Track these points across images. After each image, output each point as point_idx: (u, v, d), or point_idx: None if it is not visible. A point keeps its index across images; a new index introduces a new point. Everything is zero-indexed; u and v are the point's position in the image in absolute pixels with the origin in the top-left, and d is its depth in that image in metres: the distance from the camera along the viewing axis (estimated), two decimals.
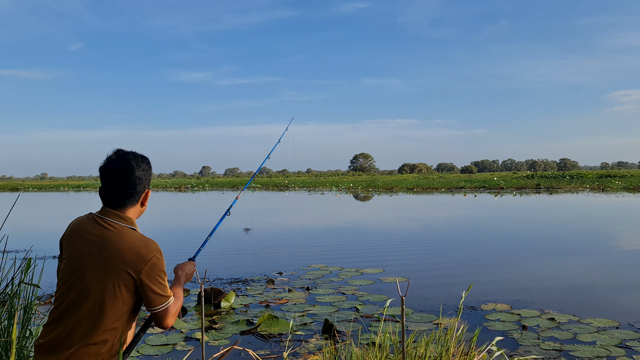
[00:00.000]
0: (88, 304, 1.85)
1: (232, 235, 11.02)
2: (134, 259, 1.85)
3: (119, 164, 1.97)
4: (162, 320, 1.95)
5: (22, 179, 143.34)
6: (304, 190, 41.42)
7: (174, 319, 1.99)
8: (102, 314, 1.85)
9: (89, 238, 1.92)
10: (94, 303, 1.85)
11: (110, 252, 1.87)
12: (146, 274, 1.86)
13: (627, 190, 29.12)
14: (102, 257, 1.87)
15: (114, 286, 1.85)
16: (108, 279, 1.85)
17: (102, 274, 1.86)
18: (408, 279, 6.06)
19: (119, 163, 1.97)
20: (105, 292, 1.85)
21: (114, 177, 1.96)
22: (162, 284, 1.91)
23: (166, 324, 1.97)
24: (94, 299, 1.85)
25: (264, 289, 5.69)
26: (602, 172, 53.40)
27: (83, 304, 1.86)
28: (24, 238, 10.55)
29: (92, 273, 1.87)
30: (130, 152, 2.02)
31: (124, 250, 1.87)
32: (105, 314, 1.85)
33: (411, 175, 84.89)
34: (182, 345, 3.83)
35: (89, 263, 1.89)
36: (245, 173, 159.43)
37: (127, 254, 1.86)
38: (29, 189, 55.08)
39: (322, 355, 3.36)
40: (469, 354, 3.00)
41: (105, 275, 1.85)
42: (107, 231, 1.92)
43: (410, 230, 11.68)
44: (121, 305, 1.86)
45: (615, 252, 8.18)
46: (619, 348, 3.65)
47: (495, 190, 32.27)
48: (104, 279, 1.85)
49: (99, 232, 1.92)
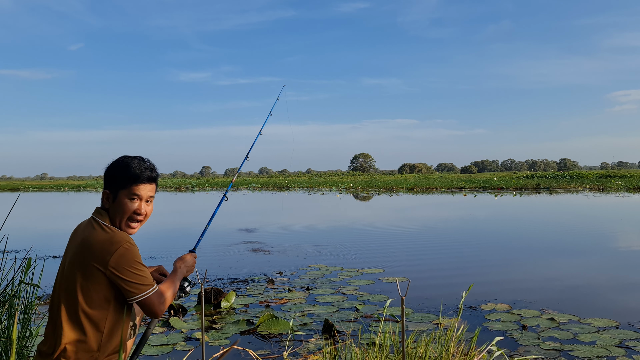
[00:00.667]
0: (66, 301, 1.93)
1: (232, 236, 11.02)
2: (100, 253, 1.91)
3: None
4: (147, 310, 1.99)
5: (22, 179, 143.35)
6: (304, 190, 41.42)
7: (163, 308, 2.03)
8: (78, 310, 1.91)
9: (77, 239, 2.01)
10: (69, 300, 1.92)
11: (83, 249, 1.95)
12: (113, 265, 1.90)
13: (627, 190, 29.12)
14: (78, 255, 1.95)
15: (87, 282, 1.91)
16: (80, 275, 1.92)
17: (76, 271, 1.93)
18: (408, 279, 6.06)
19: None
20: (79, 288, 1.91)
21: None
22: (134, 274, 1.93)
23: (153, 313, 2.01)
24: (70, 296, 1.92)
25: (264, 289, 5.69)
26: (602, 172, 53.36)
27: (62, 302, 1.93)
28: (24, 238, 10.55)
29: (69, 271, 1.95)
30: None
31: (93, 245, 1.93)
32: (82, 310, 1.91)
33: (411, 175, 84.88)
34: (182, 345, 3.83)
35: (68, 263, 1.97)
36: (245, 173, 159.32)
37: (94, 248, 1.92)
38: (29, 189, 55.07)
39: (322, 355, 3.36)
40: (469, 354, 3.00)
41: (78, 272, 1.92)
42: (90, 230, 2.00)
43: (410, 230, 11.68)
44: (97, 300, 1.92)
45: (615, 252, 8.18)
46: (619, 348, 3.65)
47: (495, 190, 32.27)
48: (77, 275, 1.92)
49: (86, 232, 2.00)
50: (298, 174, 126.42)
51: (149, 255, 8.28)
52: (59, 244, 9.86)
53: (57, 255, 8.31)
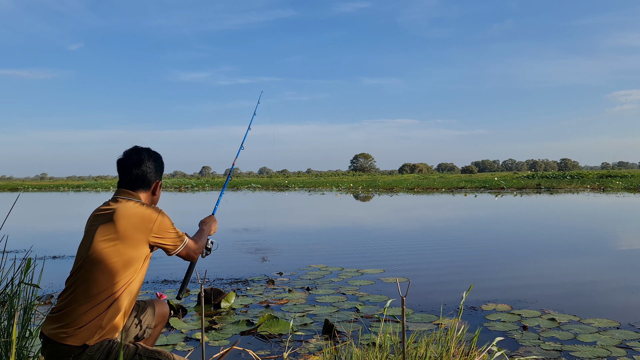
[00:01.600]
0: (90, 267, 2.12)
1: (232, 236, 11.02)
2: (142, 221, 2.21)
3: (133, 154, 2.39)
4: (185, 258, 2.45)
5: (22, 179, 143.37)
6: (304, 190, 41.42)
7: (197, 254, 2.51)
8: (100, 275, 2.11)
9: (102, 213, 2.25)
10: (95, 265, 2.12)
11: (116, 218, 2.19)
12: (157, 231, 2.24)
13: (627, 190, 29.11)
14: (111, 224, 2.18)
15: (118, 248, 2.15)
16: (115, 242, 2.15)
17: (110, 237, 2.15)
18: (408, 279, 6.06)
19: (133, 154, 2.40)
20: (106, 254, 2.13)
21: (129, 165, 2.36)
22: (171, 234, 2.31)
23: (190, 259, 2.49)
24: (97, 261, 2.12)
25: (264, 289, 5.69)
26: (603, 172, 53.32)
27: (86, 267, 2.13)
28: (24, 238, 10.54)
29: (99, 238, 2.16)
30: (145, 147, 2.46)
31: (131, 215, 2.20)
32: (103, 276, 2.11)
33: (411, 175, 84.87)
34: (182, 345, 3.82)
35: (96, 230, 2.19)
36: (245, 173, 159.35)
37: (133, 218, 2.20)
38: (28, 189, 55.10)
39: (323, 355, 3.35)
40: (469, 354, 3.00)
41: (113, 239, 2.15)
42: (118, 204, 2.26)
43: (411, 230, 11.68)
44: (120, 266, 2.14)
45: (615, 252, 8.17)
46: (620, 348, 3.64)
47: (496, 191, 32.26)
48: (110, 242, 2.15)
49: (111, 206, 2.26)
50: (298, 174, 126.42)
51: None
52: (59, 244, 9.86)
53: (57, 255, 8.32)
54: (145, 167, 2.37)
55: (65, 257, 8.19)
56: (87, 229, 2.26)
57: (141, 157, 2.38)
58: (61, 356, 2.07)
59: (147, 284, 6.08)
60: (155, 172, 2.43)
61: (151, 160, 2.41)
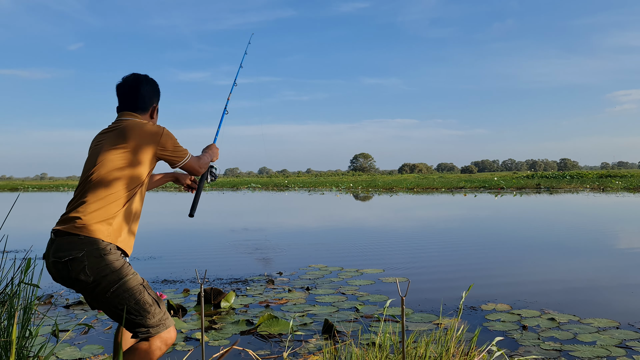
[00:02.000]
0: (99, 172, 2.27)
1: (232, 235, 11.02)
2: (150, 135, 2.35)
3: (131, 78, 2.54)
4: (190, 171, 2.63)
5: (22, 179, 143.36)
6: (304, 190, 41.42)
7: (201, 169, 2.67)
8: (109, 178, 2.26)
9: (108, 130, 2.41)
10: (104, 169, 2.27)
11: (126, 131, 2.33)
12: (164, 143, 2.39)
13: (627, 190, 29.11)
14: (119, 137, 2.32)
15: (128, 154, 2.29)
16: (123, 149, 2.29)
17: (120, 147, 2.29)
18: (408, 279, 6.06)
19: (131, 78, 2.54)
20: (115, 160, 2.28)
21: (126, 89, 2.51)
22: (176, 147, 2.46)
23: (195, 172, 2.66)
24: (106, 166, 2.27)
25: (264, 289, 5.69)
26: (603, 172, 53.34)
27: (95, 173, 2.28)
28: (24, 238, 10.53)
29: (107, 148, 2.31)
30: (143, 74, 2.59)
31: (138, 129, 2.35)
32: (112, 179, 2.26)
33: (411, 175, 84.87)
34: (182, 345, 3.82)
35: (104, 143, 2.34)
36: (245, 173, 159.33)
37: (141, 131, 2.35)
38: (28, 189, 55.09)
39: (322, 355, 3.36)
40: (469, 354, 3.00)
41: (123, 148, 2.29)
42: (124, 121, 2.41)
43: (411, 230, 11.68)
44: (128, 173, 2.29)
45: (615, 252, 8.17)
46: (619, 348, 3.65)
47: (496, 190, 32.27)
48: (119, 150, 2.29)
49: (116, 125, 2.42)
50: (298, 174, 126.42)
51: (149, 255, 8.28)
52: None
53: None
54: (143, 90, 2.51)
55: None
56: (92, 147, 2.41)
57: (138, 81, 2.52)
58: (63, 249, 2.17)
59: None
60: (152, 95, 2.57)
61: (148, 84, 2.55)
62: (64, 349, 3.72)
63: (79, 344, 3.88)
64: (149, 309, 2.20)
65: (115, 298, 2.16)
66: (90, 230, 2.16)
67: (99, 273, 2.14)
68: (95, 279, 2.13)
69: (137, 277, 2.24)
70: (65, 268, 2.14)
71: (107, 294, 2.15)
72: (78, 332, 4.20)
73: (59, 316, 4.66)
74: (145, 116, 2.54)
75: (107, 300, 2.17)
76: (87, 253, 2.13)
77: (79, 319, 4.56)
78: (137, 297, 2.18)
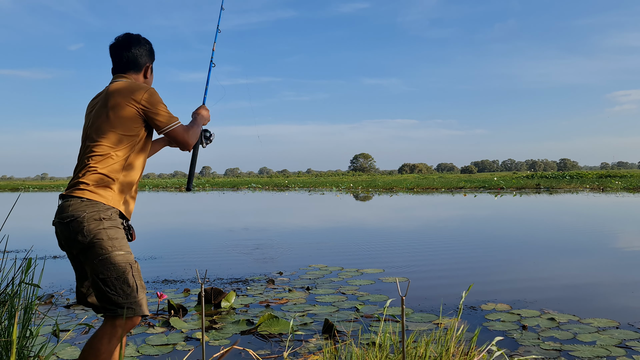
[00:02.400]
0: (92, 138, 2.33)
1: (233, 235, 11.02)
2: (133, 91, 2.34)
3: (123, 38, 2.53)
4: (176, 140, 2.48)
5: (23, 179, 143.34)
6: (304, 190, 41.42)
7: (188, 139, 2.50)
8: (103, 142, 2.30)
9: (97, 97, 2.46)
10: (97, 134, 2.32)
11: (113, 93, 2.35)
12: (146, 101, 2.34)
13: (627, 190, 29.11)
14: (107, 99, 2.35)
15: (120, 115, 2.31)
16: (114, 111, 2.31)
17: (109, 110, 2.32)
18: (408, 279, 6.07)
19: (123, 38, 2.53)
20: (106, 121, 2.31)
21: (119, 48, 2.50)
22: (162, 108, 2.40)
23: (182, 143, 2.50)
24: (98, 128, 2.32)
25: (264, 289, 5.69)
26: (602, 172, 53.30)
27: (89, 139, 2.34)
28: (24, 238, 10.54)
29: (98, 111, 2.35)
30: (135, 34, 2.57)
31: (123, 89, 2.35)
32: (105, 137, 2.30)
33: (411, 175, 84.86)
34: (183, 345, 3.83)
35: (96, 107, 2.39)
36: (245, 173, 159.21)
37: (126, 90, 2.34)
38: (29, 189, 55.09)
39: (323, 355, 3.36)
40: (469, 354, 3.00)
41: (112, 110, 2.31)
42: (114, 84, 2.42)
43: (411, 230, 11.68)
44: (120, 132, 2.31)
45: (615, 251, 8.18)
46: (619, 348, 3.65)
47: (495, 190, 32.27)
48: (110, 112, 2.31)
49: (106, 87, 2.43)
50: (298, 174, 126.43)
51: (149, 254, 8.28)
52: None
53: (57, 255, 8.32)
54: (135, 50, 2.49)
55: (65, 257, 8.19)
56: (87, 113, 2.48)
57: (131, 41, 2.51)
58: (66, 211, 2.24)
59: (148, 283, 6.07)
60: (146, 55, 2.54)
61: (141, 43, 2.52)
62: (64, 349, 3.73)
63: (79, 343, 3.88)
64: (126, 290, 2.21)
65: (101, 266, 2.20)
66: (92, 193, 2.25)
67: (95, 236, 2.19)
68: (90, 240, 2.19)
69: (129, 257, 2.27)
70: (67, 229, 2.23)
71: (95, 260, 2.20)
72: (79, 331, 4.21)
73: (59, 316, 4.66)
74: (139, 76, 2.53)
75: (94, 267, 2.21)
76: (88, 215, 2.21)
77: (80, 319, 4.57)
78: (119, 273, 2.21)
